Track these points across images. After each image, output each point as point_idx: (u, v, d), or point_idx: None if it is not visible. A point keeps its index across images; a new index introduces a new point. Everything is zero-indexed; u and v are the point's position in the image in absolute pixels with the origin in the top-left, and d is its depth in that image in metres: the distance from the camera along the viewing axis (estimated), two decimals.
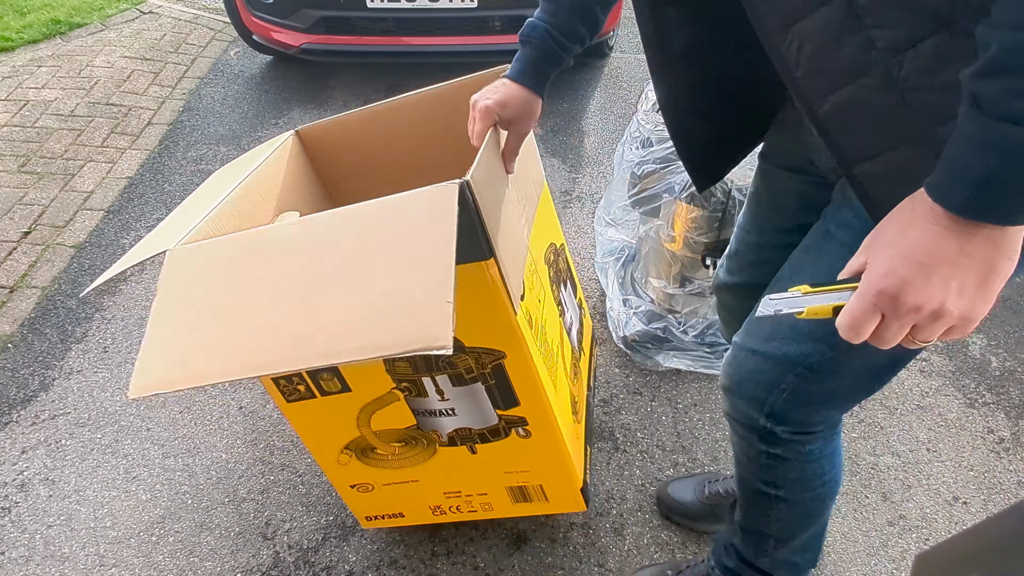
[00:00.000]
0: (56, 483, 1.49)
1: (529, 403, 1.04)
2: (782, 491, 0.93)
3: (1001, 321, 1.90)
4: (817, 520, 1.00)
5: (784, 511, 0.96)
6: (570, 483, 1.16)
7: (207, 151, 2.62)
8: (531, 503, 1.21)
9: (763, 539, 1.02)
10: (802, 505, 0.95)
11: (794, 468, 0.89)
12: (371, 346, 0.71)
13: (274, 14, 2.81)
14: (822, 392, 0.80)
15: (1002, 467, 1.53)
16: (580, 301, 1.46)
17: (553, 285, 1.23)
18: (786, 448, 0.87)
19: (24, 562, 1.35)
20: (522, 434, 1.09)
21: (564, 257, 1.36)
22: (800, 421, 0.84)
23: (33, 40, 3.31)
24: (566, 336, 1.26)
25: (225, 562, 1.35)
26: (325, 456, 1.17)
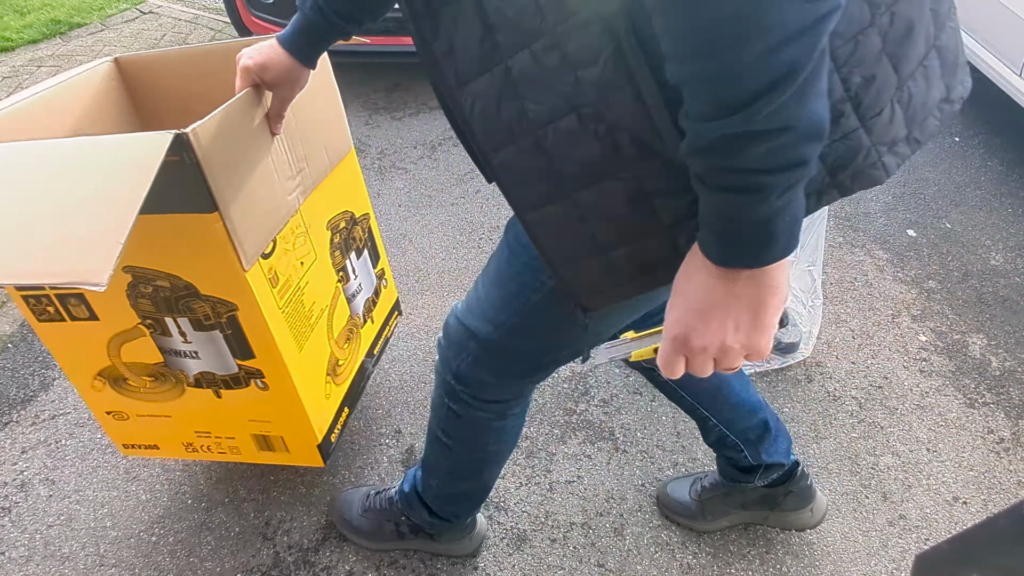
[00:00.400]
0: (56, 483, 1.49)
1: (264, 357, 1.13)
2: (451, 442, 1.08)
3: (1001, 321, 1.90)
4: (475, 479, 1.15)
5: (449, 460, 1.12)
6: (308, 439, 1.25)
7: None
8: (274, 452, 1.31)
9: (431, 476, 1.18)
10: (464, 462, 1.11)
11: (466, 428, 1.04)
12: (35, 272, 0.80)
13: (274, 14, 2.81)
14: (493, 365, 0.94)
15: (1002, 467, 1.53)
16: (382, 272, 1.55)
17: (337, 251, 1.32)
18: (462, 407, 1.01)
19: (24, 562, 1.35)
20: (260, 386, 1.18)
21: (365, 227, 1.45)
22: (475, 385, 0.98)
23: (33, 40, 3.31)
24: (344, 302, 1.36)
25: (225, 562, 1.35)
26: (79, 379, 1.25)
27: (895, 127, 0.60)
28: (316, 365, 1.25)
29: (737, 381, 1.22)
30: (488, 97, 0.63)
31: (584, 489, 1.48)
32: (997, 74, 2.52)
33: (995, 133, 2.78)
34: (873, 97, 0.57)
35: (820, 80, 0.47)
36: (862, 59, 0.56)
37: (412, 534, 1.31)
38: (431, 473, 1.18)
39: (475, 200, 2.37)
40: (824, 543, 1.38)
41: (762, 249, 0.54)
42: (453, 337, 0.97)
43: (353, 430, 1.59)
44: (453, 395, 1.01)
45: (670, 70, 0.50)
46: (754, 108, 0.46)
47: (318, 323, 1.25)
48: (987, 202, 2.40)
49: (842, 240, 2.20)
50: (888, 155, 0.60)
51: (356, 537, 1.36)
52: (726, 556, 1.35)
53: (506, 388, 0.99)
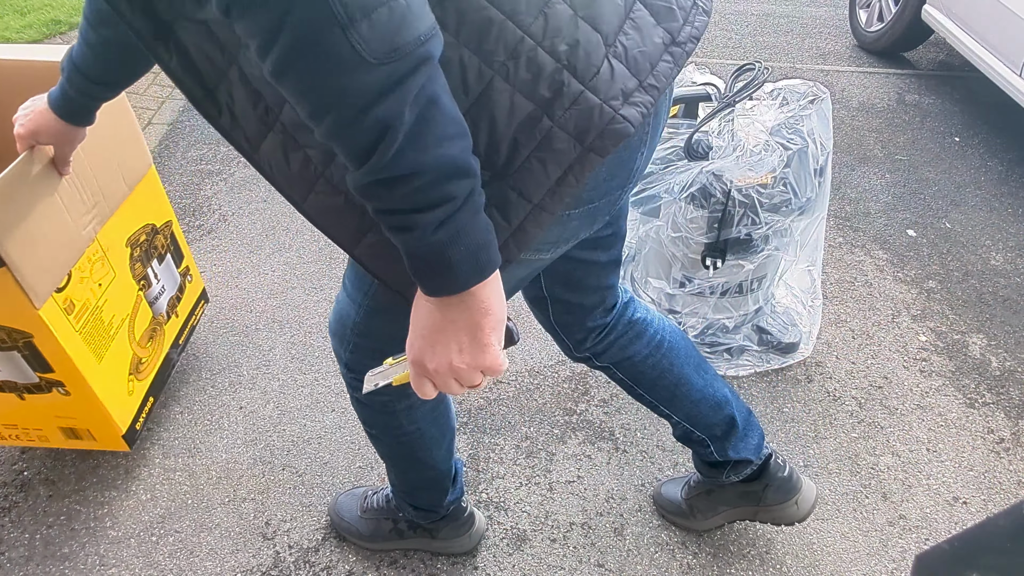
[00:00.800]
0: (56, 483, 1.49)
1: (63, 371, 1.27)
2: (376, 431, 1.10)
3: (1001, 321, 1.91)
4: (418, 464, 1.15)
5: (386, 450, 1.15)
6: (112, 430, 1.40)
7: (207, 151, 2.62)
8: (82, 440, 1.44)
9: (388, 470, 1.22)
10: (396, 449, 1.12)
11: (376, 416, 1.06)
12: None
13: None
14: (371, 348, 0.92)
15: (1002, 467, 1.53)
16: (186, 269, 1.67)
17: (138, 263, 1.46)
18: (362, 395, 1.01)
19: (24, 562, 1.35)
20: (63, 392, 1.31)
21: (167, 234, 1.58)
22: (362, 370, 0.92)
23: (33, 40, 3.31)
24: (146, 306, 1.50)
25: (225, 562, 1.35)
26: None
27: (620, 80, 0.62)
28: (117, 369, 1.40)
29: (698, 377, 1.21)
30: (276, 153, 0.66)
31: (584, 489, 1.48)
32: (997, 74, 2.52)
33: (995, 133, 2.78)
34: (584, 59, 0.60)
35: (437, 126, 0.51)
36: (558, 29, 0.59)
37: (411, 531, 1.32)
38: (387, 467, 1.22)
39: None
40: (824, 543, 1.38)
41: (447, 278, 0.57)
42: (335, 328, 0.98)
43: (353, 430, 1.59)
44: (354, 386, 1.02)
45: None
46: (373, 161, 0.50)
47: (119, 332, 1.39)
48: (987, 202, 2.40)
49: (842, 240, 2.20)
50: (626, 107, 0.63)
51: (356, 538, 1.37)
52: (726, 556, 1.35)
53: None
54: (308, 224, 2.23)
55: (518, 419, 1.63)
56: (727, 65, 3.28)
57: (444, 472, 1.19)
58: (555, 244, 0.80)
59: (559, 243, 0.80)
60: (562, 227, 0.76)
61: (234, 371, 1.74)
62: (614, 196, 0.78)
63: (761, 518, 1.34)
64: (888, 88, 3.13)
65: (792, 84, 1.52)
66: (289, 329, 1.85)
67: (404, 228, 0.54)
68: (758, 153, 1.41)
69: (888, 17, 3.25)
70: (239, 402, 1.66)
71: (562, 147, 0.61)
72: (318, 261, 2.09)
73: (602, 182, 0.74)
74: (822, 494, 1.47)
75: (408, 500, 1.25)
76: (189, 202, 2.34)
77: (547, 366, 1.76)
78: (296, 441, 1.57)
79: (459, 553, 1.35)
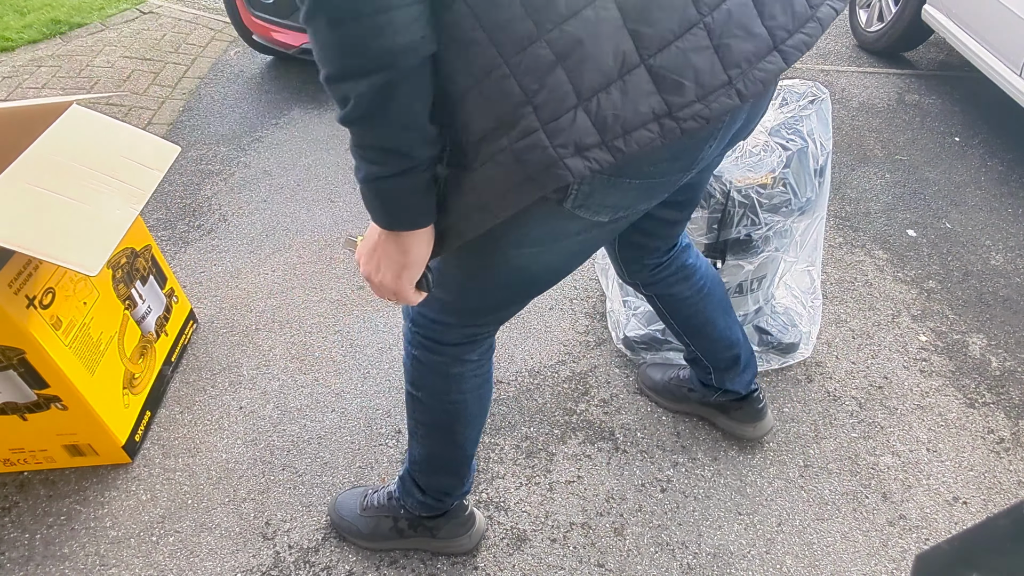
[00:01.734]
0: (56, 483, 1.49)
1: (58, 386, 1.33)
2: (420, 393, 1.12)
3: (1001, 321, 1.91)
4: (450, 439, 1.16)
5: (422, 415, 1.16)
6: (112, 443, 1.46)
7: (207, 151, 2.62)
8: (86, 456, 1.49)
9: (412, 443, 1.22)
10: (434, 413, 1.14)
11: (428, 375, 1.09)
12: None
13: (274, 14, 2.80)
14: (438, 301, 0.99)
15: (1002, 467, 1.53)
16: (171, 291, 1.74)
17: (121, 284, 1.53)
18: (421, 352, 1.07)
19: (24, 562, 1.35)
20: (60, 407, 1.37)
21: (148, 257, 1.66)
22: (428, 327, 1.04)
23: (33, 40, 3.31)
24: (134, 324, 1.57)
25: (225, 562, 1.35)
26: None
27: (578, 133, 0.67)
28: (111, 382, 1.46)
29: (722, 320, 1.39)
30: None
31: (584, 489, 1.48)
32: (997, 74, 2.52)
33: (995, 133, 2.78)
34: (552, 103, 0.66)
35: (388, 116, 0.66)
36: (533, 68, 0.65)
37: (411, 530, 1.32)
38: (412, 439, 1.22)
39: None
40: (824, 543, 1.38)
41: (374, 216, 0.76)
42: None
43: (353, 430, 1.59)
44: (413, 340, 1.07)
45: None
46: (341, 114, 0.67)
47: (108, 348, 1.46)
48: (987, 202, 2.40)
49: (842, 240, 2.20)
50: (574, 158, 0.68)
51: (355, 537, 1.37)
52: (726, 556, 1.36)
53: (455, 329, 1.03)
54: (308, 224, 2.24)
55: (518, 419, 1.63)
56: None
57: (468, 457, 1.21)
58: (613, 209, 0.81)
59: (617, 209, 0.81)
60: (622, 194, 0.78)
61: (234, 371, 1.74)
62: (674, 177, 0.81)
63: (720, 424, 1.58)
64: (888, 88, 3.13)
65: (792, 84, 1.52)
66: (289, 329, 1.85)
67: (356, 165, 0.72)
68: (757, 153, 1.41)
69: (888, 17, 3.25)
70: (239, 402, 1.66)
71: (509, 167, 0.70)
72: (318, 261, 2.09)
73: (664, 161, 0.77)
74: (822, 494, 1.47)
75: (423, 481, 1.24)
76: (189, 202, 2.34)
77: (547, 366, 1.76)
78: (296, 441, 1.57)
79: (459, 553, 1.35)
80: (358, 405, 1.65)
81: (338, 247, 0.80)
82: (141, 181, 1.37)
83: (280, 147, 2.65)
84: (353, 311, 1.92)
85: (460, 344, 1.06)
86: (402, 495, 1.29)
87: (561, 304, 1.94)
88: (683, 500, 1.46)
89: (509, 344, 1.82)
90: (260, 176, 2.48)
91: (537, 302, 1.94)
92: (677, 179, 0.82)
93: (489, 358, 1.13)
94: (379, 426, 1.61)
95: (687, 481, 1.49)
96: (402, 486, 1.29)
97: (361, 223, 2.24)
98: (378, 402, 1.66)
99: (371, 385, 1.71)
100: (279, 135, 2.72)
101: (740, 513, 1.43)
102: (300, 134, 2.73)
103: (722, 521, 1.42)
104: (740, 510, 1.44)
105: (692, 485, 1.48)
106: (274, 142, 2.68)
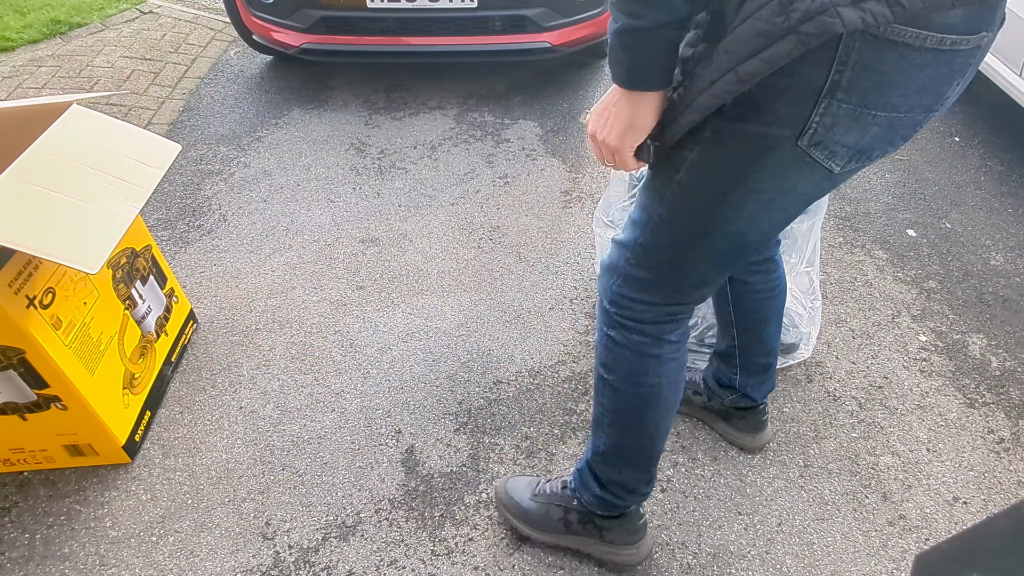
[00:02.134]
0: (56, 483, 1.49)
1: (58, 386, 1.33)
2: (612, 376, 1.10)
3: (1001, 321, 1.91)
4: (639, 428, 1.13)
5: (613, 402, 1.13)
6: (112, 443, 1.46)
7: (207, 151, 2.62)
8: (86, 456, 1.50)
9: (598, 432, 1.18)
10: (626, 398, 1.11)
11: (624, 356, 1.07)
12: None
13: (274, 14, 2.80)
14: (638, 280, 1.01)
15: (1002, 467, 1.53)
16: (171, 291, 1.75)
17: (121, 284, 1.54)
18: (618, 332, 1.06)
19: (24, 562, 1.35)
20: (60, 407, 1.38)
21: (148, 257, 1.66)
22: (627, 306, 1.03)
23: (33, 40, 3.31)
24: (134, 324, 1.58)
25: (225, 562, 1.35)
26: None
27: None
28: (111, 382, 1.46)
29: (775, 325, 1.39)
30: None
31: None
32: (997, 74, 2.52)
33: (995, 133, 2.78)
34: None
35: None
36: None
37: (579, 525, 1.28)
38: (598, 428, 1.18)
39: (475, 200, 2.37)
40: (824, 543, 1.38)
41: (614, 70, 0.81)
42: (608, 264, 1.05)
43: (353, 430, 1.59)
44: (610, 321, 1.06)
45: None
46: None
47: (108, 348, 1.47)
48: (987, 202, 2.40)
49: (842, 240, 2.20)
50: (848, 7, 0.66)
51: (521, 521, 1.34)
52: (726, 556, 1.36)
53: (657, 308, 1.03)
54: (308, 224, 2.23)
55: (518, 419, 1.63)
56: None
57: (657, 451, 1.17)
58: (848, 153, 0.80)
59: (852, 154, 0.80)
60: (861, 131, 0.77)
61: (234, 371, 1.74)
62: (918, 116, 0.78)
63: (718, 428, 1.57)
64: None
65: None
66: (289, 329, 1.85)
67: (613, 16, 0.77)
68: None
69: None
70: (239, 402, 1.66)
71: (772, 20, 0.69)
72: (318, 261, 2.09)
73: (913, 92, 0.75)
74: (822, 494, 1.47)
75: (604, 475, 1.20)
76: (189, 202, 2.34)
77: (547, 366, 1.76)
78: (296, 441, 1.57)
79: (623, 564, 1.30)
80: (358, 405, 1.65)
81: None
82: (142, 179, 1.37)
83: (280, 147, 2.65)
84: (353, 311, 1.92)
85: (661, 323, 1.05)
86: (578, 487, 1.26)
87: (561, 304, 1.94)
88: (683, 500, 1.46)
89: (509, 344, 1.82)
90: (260, 176, 2.48)
91: (537, 302, 1.94)
92: (918, 120, 0.79)
93: (686, 342, 1.11)
94: (379, 426, 1.61)
95: (687, 481, 1.49)
96: (579, 478, 1.26)
97: (361, 223, 2.25)
98: (378, 402, 1.66)
99: (371, 385, 1.71)
100: (279, 135, 2.72)
101: (740, 513, 1.43)
102: (300, 134, 2.73)
103: (722, 521, 1.42)
104: (740, 510, 1.44)
105: (692, 485, 1.48)
106: (274, 142, 2.68)
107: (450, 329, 1.86)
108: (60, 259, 1.12)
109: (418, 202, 2.36)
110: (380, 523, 1.41)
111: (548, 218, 2.28)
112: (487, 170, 2.53)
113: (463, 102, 2.97)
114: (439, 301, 1.96)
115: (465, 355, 1.79)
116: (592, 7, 2.78)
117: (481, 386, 1.71)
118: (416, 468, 1.52)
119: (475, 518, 1.42)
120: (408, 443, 1.57)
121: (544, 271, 2.06)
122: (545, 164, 2.56)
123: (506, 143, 2.69)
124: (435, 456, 1.54)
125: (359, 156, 2.60)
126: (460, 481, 1.49)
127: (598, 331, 1.11)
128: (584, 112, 0.90)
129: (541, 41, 2.75)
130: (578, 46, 2.87)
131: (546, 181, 2.47)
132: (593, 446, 1.20)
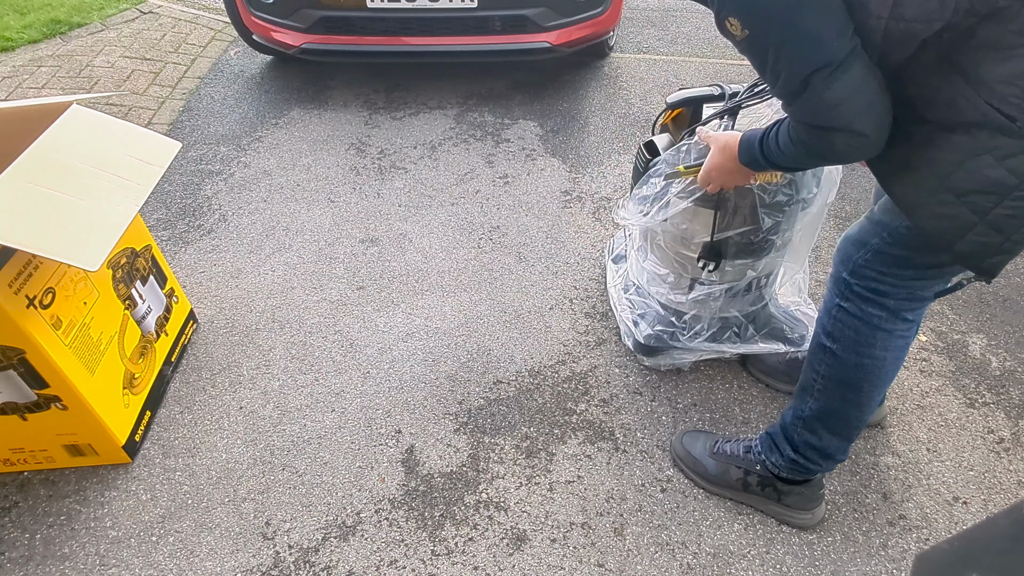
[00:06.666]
0: (56, 483, 1.49)
1: (58, 386, 1.33)
2: (835, 345, 1.14)
3: (1001, 321, 1.91)
4: (853, 400, 1.17)
5: (831, 368, 1.16)
6: (112, 443, 1.47)
7: (207, 151, 2.62)
8: (86, 456, 1.50)
9: (805, 397, 1.22)
10: (846, 367, 1.14)
11: (852, 325, 1.11)
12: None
13: (274, 14, 2.80)
14: (895, 255, 1.04)
15: (1002, 467, 1.53)
16: (171, 291, 1.75)
17: (121, 284, 1.54)
18: (854, 302, 1.09)
19: (24, 562, 1.35)
20: (60, 407, 1.38)
21: (148, 257, 1.66)
22: (871, 279, 1.07)
23: (33, 40, 3.31)
24: (134, 324, 1.57)
25: (225, 562, 1.35)
26: None
27: None
28: (111, 382, 1.46)
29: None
30: None
31: (584, 489, 1.48)
32: None
33: None
34: None
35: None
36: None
37: (758, 487, 1.34)
38: (805, 394, 1.21)
39: (475, 200, 2.37)
40: (824, 543, 1.38)
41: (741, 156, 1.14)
42: (857, 235, 1.09)
43: (353, 430, 1.59)
44: (845, 291, 1.10)
45: None
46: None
47: (108, 348, 1.46)
48: None
49: None
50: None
51: (696, 476, 1.42)
52: (726, 556, 1.35)
53: (901, 285, 1.06)
54: (308, 224, 2.23)
55: (518, 419, 1.63)
56: (729, 65, 3.28)
57: (863, 421, 1.21)
58: None
59: None
60: None
61: (234, 371, 1.74)
62: None
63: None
64: None
65: None
66: (289, 329, 1.85)
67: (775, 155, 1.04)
68: None
69: None
70: (239, 402, 1.66)
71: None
72: (318, 261, 2.09)
73: None
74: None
75: (802, 439, 1.24)
76: (189, 202, 2.34)
77: (547, 366, 1.76)
78: (296, 441, 1.57)
79: (798, 526, 1.38)
80: (358, 405, 1.65)
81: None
82: (142, 177, 1.37)
83: (280, 147, 2.65)
84: (353, 311, 1.92)
85: (904, 300, 1.07)
86: (764, 451, 1.31)
87: (561, 304, 1.94)
88: (683, 500, 1.46)
89: (509, 344, 1.82)
90: (260, 176, 2.48)
91: (537, 302, 1.94)
92: None
93: (918, 326, 1.14)
94: (379, 426, 1.61)
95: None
96: (769, 441, 1.31)
97: (361, 223, 2.24)
98: (378, 402, 1.66)
99: (371, 385, 1.71)
100: (279, 135, 2.72)
101: (740, 513, 1.43)
102: (300, 134, 2.73)
103: (722, 521, 1.42)
104: (740, 510, 1.44)
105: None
106: (274, 142, 2.68)
107: (450, 329, 1.86)
108: (60, 257, 1.12)
109: (418, 202, 2.36)
110: (380, 523, 1.41)
111: (548, 218, 2.28)
112: (487, 170, 2.53)
113: (463, 102, 2.97)
114: (439, 301, 1.96)
115: (465, 355, 1.79)
116: (592, 7, 2.78)
117: (481, 386, 1.71)
118: (416, 468, 1.52)
119: (475, 518, 1.42)
120: (408, 443, 1.57)
121: (544, 271, 2.06)
122: (545, 164, 2.56)
123: (506, 143, 2.69)
124: (435, 456, 1.55)
125: (359, 156, 2.60)
126: (460, 481, 1.49)
127: (826, 300, 1.15)
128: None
129: (541, 41, 2.75)
130: (578, 46, 2.87)
131: (546, 181, 2.47)
132: (796, 411, 1.24)
